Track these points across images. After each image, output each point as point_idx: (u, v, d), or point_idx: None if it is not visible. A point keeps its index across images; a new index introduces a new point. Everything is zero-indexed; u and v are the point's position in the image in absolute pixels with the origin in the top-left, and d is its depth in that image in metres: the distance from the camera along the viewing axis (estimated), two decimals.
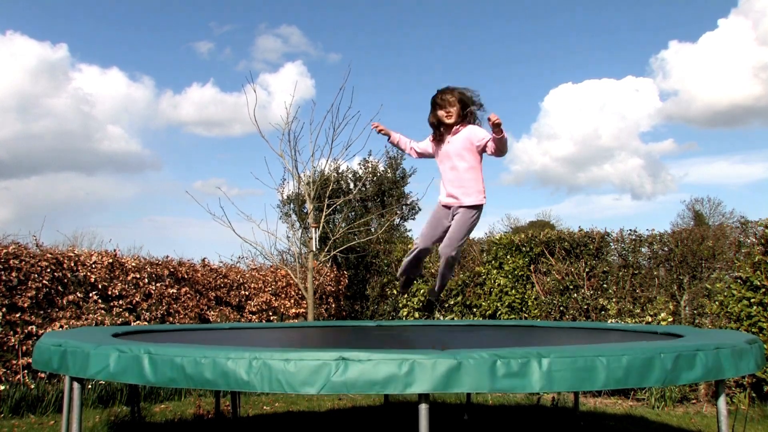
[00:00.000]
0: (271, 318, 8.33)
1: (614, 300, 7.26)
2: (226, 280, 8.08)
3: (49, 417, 5.46)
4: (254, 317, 8.16)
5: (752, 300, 6.13)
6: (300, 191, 8.64)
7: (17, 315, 5.83)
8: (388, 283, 9.28)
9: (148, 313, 6.85)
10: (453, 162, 3.80)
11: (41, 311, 6.05)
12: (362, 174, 12.43)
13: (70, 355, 2.69)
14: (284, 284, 8.70)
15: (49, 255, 6.19)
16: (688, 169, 43.00)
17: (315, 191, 8.38)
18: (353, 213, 11.85)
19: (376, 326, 5.23)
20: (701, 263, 7.13)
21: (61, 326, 6.06)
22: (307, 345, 3.77)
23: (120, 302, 6.68)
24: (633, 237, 7.59)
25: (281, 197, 11.36)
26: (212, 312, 7.68)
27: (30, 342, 5.85)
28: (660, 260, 7.40)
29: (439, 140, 3.88)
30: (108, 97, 28.57)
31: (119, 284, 6.68)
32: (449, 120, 3.78)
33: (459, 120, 3.80)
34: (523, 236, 8.21)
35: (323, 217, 8.66)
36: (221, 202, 14.31)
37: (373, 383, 2.09)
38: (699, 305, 6.84)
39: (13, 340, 5.77)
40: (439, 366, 2.10)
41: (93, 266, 6.54)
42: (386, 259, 9.59)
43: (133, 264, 6.96)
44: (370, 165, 12.51)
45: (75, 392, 2.80)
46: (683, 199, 38.67)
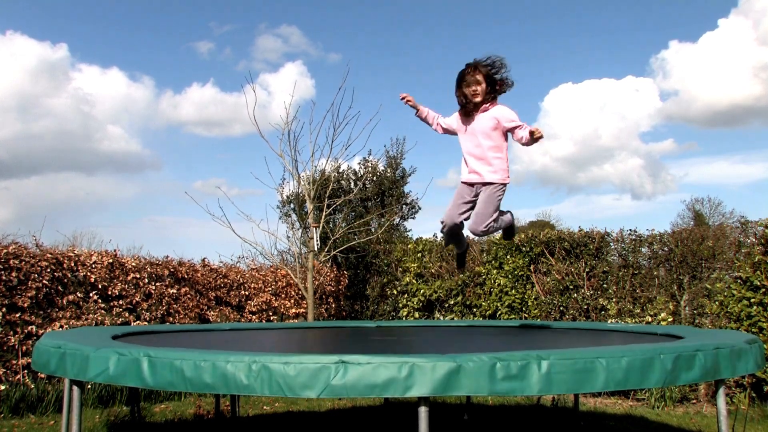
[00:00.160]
0: (271, 318, 8.33)
1: (614, 300, 7.26)
2: (226, 280, 8.07)
3: (49, 417, 5.47)
4: (254, 317, 8.16)
5: (752, 300, 6.13)
6: (300, 191, 8.64)
7: (17, 315, 5.83)
8: (388, 283, 9.28)
9: (148, 313, 6.85)
10: (478, 140, 3.75)
11: (41, 311, 6.05)
12: (362, 174, 12.42)
13: (70, 358, 2.69)
14: (284, 284, 8.70)
15: (49, 255, 6.19)
16: (688, 169, 43.00)
17: (315, 191, 8.37)
18: (353, 213, 11.85)
19: (376, 326, 5.23)
20: (701, 263, 7.13)
21: (61, 326, 6.06)
22: (308, 346, 3.77)
23: (120, 302, 6.68)
24: (633, 237, 7.59)
25: (281, 197, 11.36)
26: (212, 312, 7.68)
27: (30, 342, 5.85)
28: (660, 260, 7.39)
29: (466, 116, 3.82)
30: (108, 97, 28.58)
31: (119, 284, 6.68)
32: (476, 99, 3.73)
33: (487, 98, 3.74)
34: (523, 236, 8.20)
35: (323, 217, 8.66)
36: (221, 202, 14.34)
37: (373, 387, 2.09)
38: (699, 305, 6.84)
39: (13, 340, 5.78)
40: (439, 369, 2.10)
41: (93, 266, 6.54)
42: (386, 259, 9.59)
43: (133, 264, 6.96)
44: (370, 165, 12.50)
45: (75, 393, 2.80)
46: (683, 199, 38.70)
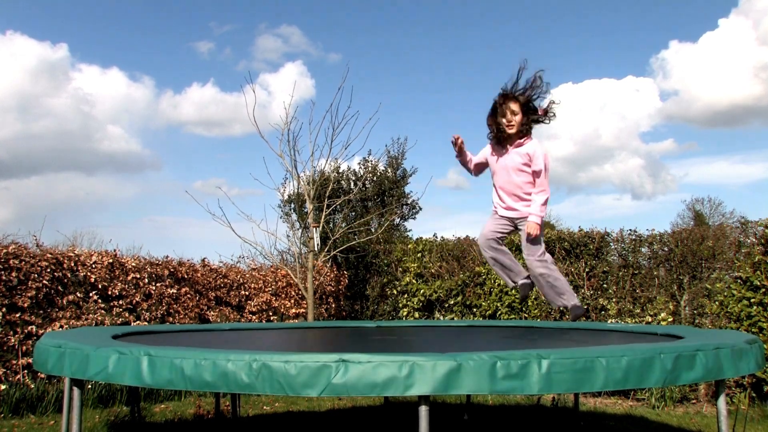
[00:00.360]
0: (271, 318, 8.33)
1: (614, 300, 7.26)
2: (226, 280, 8.07)
3: (49, 417, 5.46)
4: (254, 317, 8.16)
5: (752, 300, 6.13)
6: (300, 191, 8.64)
7: (17, 315, 5.83)
8: (388, 283, 9.28)
9: (148, 313, 6.85)
10: (510, 176, 3.57)
11: (41, 311, 6.05)
12: (362, 174, 12.43)
13: (70, 357, 2.69)
14: (284, 284, 8.70)
15: (49, 255, 6.19)
16: (689, 169, 42.97)
17: (315, 191, 8.38)
18: (353, 213, 11.85)
19: (376, 326, 5.23)
20: (701, 263, 7.13)
21: (61, 326, 6.06)
22: (308, 346, 3.77)
23: (120, 302, 6.68)
24: (633, 237, 7.59)
25: (281, 197, 11.36)
26: (212, 312, 7.68)
27: (30, 342, 5.85)
28: (660, 260, 7.39)
29: (498, 146, 3.57)
30: (108, 97, 28.54)
31: (119, 284, 6.68)
32: (511, 130, 3.46)
33: (522, 129, 3.47)
34: None
35: (323, 217, 8.66)
36: (221, 202, 14.30)
37: (374, 385, 2.09)
38: (699, 305, 6.84)
39: (13, 340, 5.77)
40: (439, 368, 2.10)
41: (93, 266, 6.54)
42: (386, 259, 9.59)
43: (133, 264, 6.96)
44: (370, 164, 12.51)
45: (75, 393, 2.80)
46: (683, 199, 38.58)
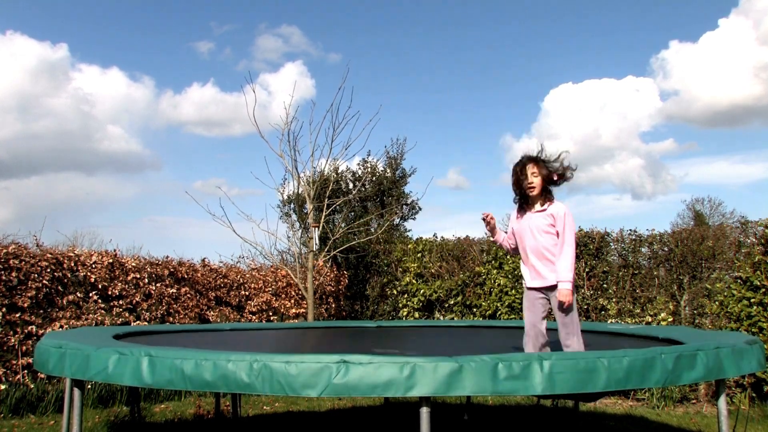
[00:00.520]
0: (272, 318, 8.32)
1: (614, 300, 7.26)
2: (226, 280, 8.07)
3: (49, 417, 5.46)
4: (254, 317, 8.15)
5: (752, 300, 6.13)
6: (300, 191, 8.63)
7: (17, 315, 5.83)
8: (388, 283, 9.27)
9: (148, 313, 6.84)
10: (535, 238, 3.55)
11: (41, 311, 6.04)
12: (361, 174, 12.42)
13: (70, 357, 2.68)
14: (284, 284, 8.69)
15: (49, 255, 6.19)
16: (689, 169, 42.92)
17: (315, 191, 8.37)
18: (353, 213, 11.84)
19: (376, 326, 5.23)
20: (701, 263, 7.13)
21: (61, 326, 6.06)
22: (308, 346, 3.76)
23: (120, 302, 6.68)
24: (633, 237, 7.59)
25: (281, 197, 11.35)
26: (212, 312, 7.68)
27: (30, 342, 5.85)
28: (660, 260, 7.39)
29: (522, 211, 3.66)
30: (108, 97, 28.52)
31: (119, 284, 6.68)
32: (532, 193, 3.57)
33: (543, 194, 3.58)
34: None
35: (323, 217, 8.65)
36: (221, 202, 14.29)
37: (375, 386, 2.09)
38: (699, 305, 6.84)
39: (13, 340, 5.77)
40: (441, 369, 2.09)
41: (93, 266, 6.54)
42: (386, 259, 9.58)
43: (133, 264, 6.96)
44: (370, 165, 12.50)
45: (75, 393, 2.80)
46: (683, 199, 38.55)
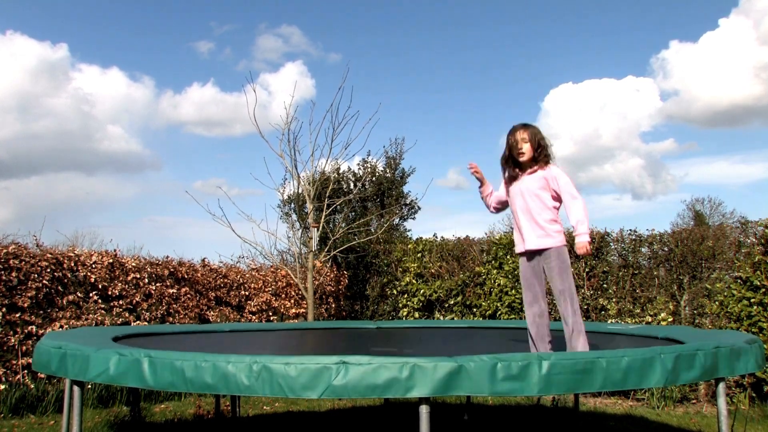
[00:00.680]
0: (271, 318, 8.32)
1: (614, 300, 7.26)
2: (226, 280, 8.07)
3: (49, 417, 5.46)
4: (254, 317, 8.15)
5: (752, 300, 6.13)
6: (300, 191, 8.64)
7: (17, 315, 5.83)
8: (388, 283, 9.27)
9: (148, 314, 6.85)
10: (526, 202, 3.55)
11: (41, 311, 6.04)
12: (361, 174, 12.42)
13: (71, 358, 2.69)
14: (284, 284, 8.70)
15: (49, 255, 6.19)
16: (689, 169, 42.88)
17: (315, 191, 8.37)
18: (353, 213, 11.85)
19: (376, 327, 5.23)
20: (701, 263, 7.13)
21: (61, 326, 6.06)
22: (308, 346, 3.77)
23: (120, 302, 6.68)
24: (633, 237, 7.58)
25: (281, 197, 11.35)
26: (212, 312, 7.68)
27: (30, 342, 5.85)
28: (660, 260, 7.39)
29: (512, 179, 3.68)
30: (108, 97, 28.51)
31: (119, 284, 6.68)
32: (522, 158, 3.60)
33: (533, 160, 3.60)
34: None
35: (323, 217, 8.65)
36: (221, 202, 14.22)
37: (374, 387, 2.09)
38: (699, 305, 6.84)
39: (13, 340, 5.77)
40: (440, 370, 2.10)
41: (93, 266, 6.54)
42: (386, 259, 9.59)
43: (133, 264, 6.96)
44: (369, 165, 12.50)
45: (75, 393, 2.80)
46: (684, 199, 38.53)
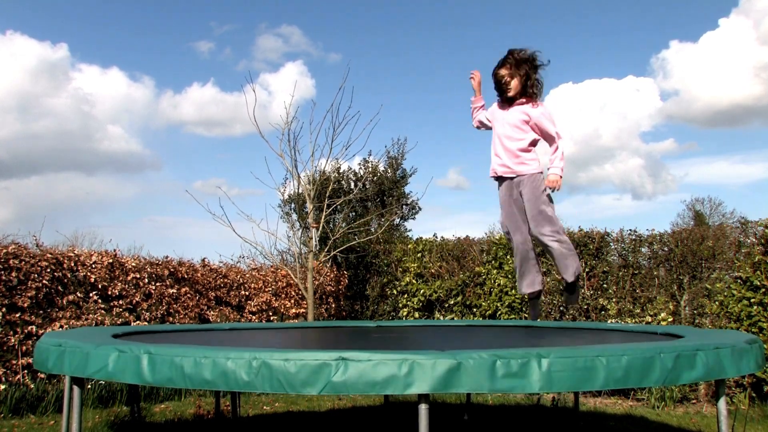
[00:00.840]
0: (271, 318, 8.33)
1: (614, 300, 7.26)
2: (226, 280, 8.07)
3: (49, 417, 5.46)
4: (254, 317, 8.16)
5: (752, 300, 6.13)
6: (300, 191, 8.64)
7: (17, 315, 5.83)
8: (388, 283, 9.27)
9: (148, 313, 6.85)
10: (506, 131, 3.71)
11: (41, 311, 6.05)
12: (362, 174, 12.43)
13: (70, 355, 2.68)
14: (284, 284, 8.70)
15: (49, 255, 6.19)
16: (689, 169, 42.93)
17: (315, 191, 8.37)
18: (353, 213, 11.85)
19: (376, 326, 5.23)
20: (701, 263, 7.13)
21: (61, 326, 6.06)
22: (308, 345, 3.77)
23: (120, 302, 6.68)
24: (633, 237, 7.59)
25: (281, 197, 11.36)
26: (212, 312, 7.68)
27: (30, 342, 5.85)
28: (660, 260, 7.39)
29: (501, 107, 3.79)
30: (108, 97, 28.55)
31: (119, 284, 6.68)
32: (509, 94, 3.70)
33: (522, 93, 3.69)
34: None
35: (323, 217, 8.65)
36: (221, 202, 14.22)
37: (374, 384, 2.09)
38: (699, 305, 6.84)
39: (13, 340, 5.77)
40: (439, 366, 2.09)
41: (93, 266, 6.54)
42: (386, 259, 9.59)
43: (133, 264, 6.96)
44: (370, 165, 12.51)
45: (75, 392, 2.80)
46: (684, 199, 38.57)
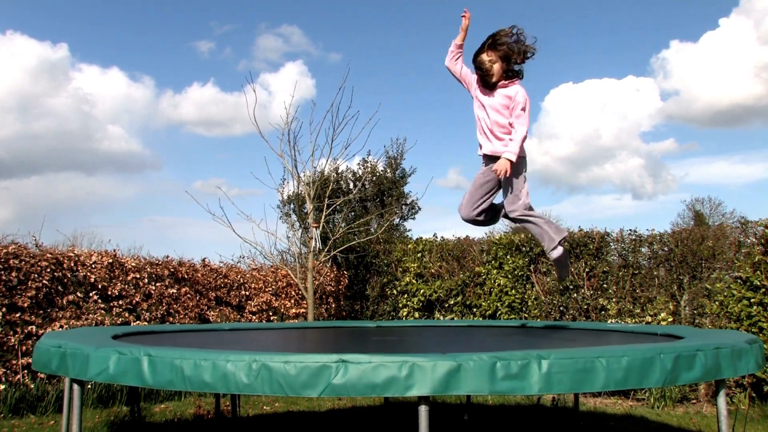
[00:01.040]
0: (272, 318, 8.33)
1: (614, 300, 7.26)
2: (227, 280, 8.07)
3: (49, 417, 5.46)
4: (254, 317, 8.16)
5: (752, 300, 6.13)
6: (300, 191, 8.64)
7: (17, 315, 5.83)
8: (388, 283, 9.27)
9: (148, 314, 6.85)
10: (491, 115, 3.70)
11: (41, 311, 6.04)
12: (361, 174, 12.43)
13: (70, 357, 2.68)
14: (284, 284, 8.70)
15: (49, 255, 6.19)
16: (689, 169, 42.93)
17: (315, 191, 8.37)
18: (353, 213, 11.85)
19: (376, 326, 5.23)
20: (701, 263, 7.13)
21: (61, 326, 6.06)
22: (308, 346, 3.76)
23: (120, 302, 6.68)
24: (633, 237, 7.58)
25: (281, 197, 11.36)
26: (212, 312, 7.68)
27: (30, 342, 5.85)
28: (660, 260, 7.39)
29: (483, 90, 3.75)
30: (108, 97, 28.57)
31: (119, 284, 6.68)
32: (491, 80, 3.66)
33: (504, 77, 3.66)
34: (523, 236, 8.21)
35: (323, 217, 8.65)
36: (221, 202, 14.28)
37: (374, 386, 2.09)
38: (699, 305, 6.84)
39: (13, 340, 5.77)
40: (439, 368, 2.09)
41: (93, 266, 6.54)
42: (386, 259, 9.59)
43: (133, 264, 6.96)
44: (370, 165, 12.51)
45: (75, 393, 2.80)
46: (684, 199, 38.59)
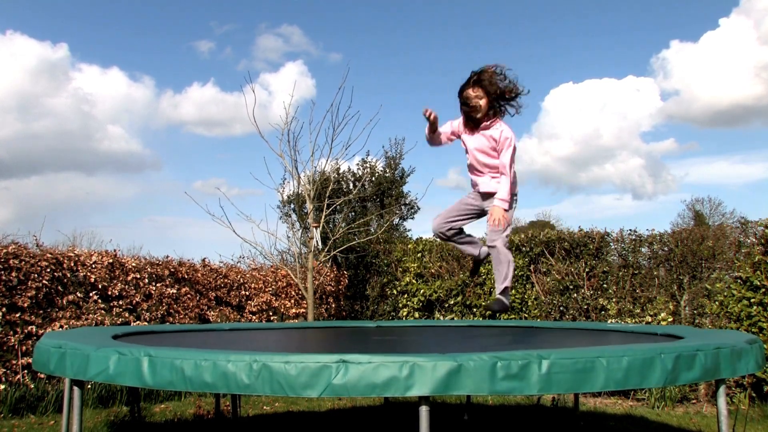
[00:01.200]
0: (272, 318, 8.33)
1: (614, 300, 7.26)
2: (227, 280, 8.07)
3: (49, 417, 5.46)
4: (254, 317, 8.16)
5: (752, 300, 6.13)
6: (300, 191, 8.64)
7: (17, 315, 5.83)
8: (388, 283, 9.28)
9: (148, 314, 6.85)
10: (477, 156, 3.74)
11: (41, 311, 6.04)
12: (361, 174, 12.43)
13: (70, 357, 2.68)
14: (284, 284, 8.70)
15: (49, 255, 6.19)
16: (689, 169, 42.99)
17: (315, 191, 8.37)
18: (353, 213, 11.85)
19: (376, 326, 5.23)
20: (701, 263, 7.13)
21: (61, 326, 6.06)
22: (308, 346, 3.76)
23: (120, 302, 6.68)
24: (633, 237, 7.58)
25: (281, 197, 11.35)
26: (212, 312, 7.68)
27: (30, 342, 5.85)
28: (660, 260, 7.39)
29: (469, 129, 3.77)
30: (108, 97, 28.60)
31: (119, 284, 6.68)
32: (476, 115, 3.67)
33: (489, 114, 3.67)
34: (523, 236, 8.21)
35: (323, 217, 8.65)
36: (221, 202, 14.31)
37: (374, 386, 2.09)
38: (699, 305, 6.84)
39: (13, 340, 5.77)
40: (439, 368, 2.09)
41: (93, 266, 6.54)
42: (386, 259, 9.59)
43: (133, 264, 6.96)
44: (369, 165, 12.51)
45: (75, 393, 2.80)
46: (684, 199, 38.65)
